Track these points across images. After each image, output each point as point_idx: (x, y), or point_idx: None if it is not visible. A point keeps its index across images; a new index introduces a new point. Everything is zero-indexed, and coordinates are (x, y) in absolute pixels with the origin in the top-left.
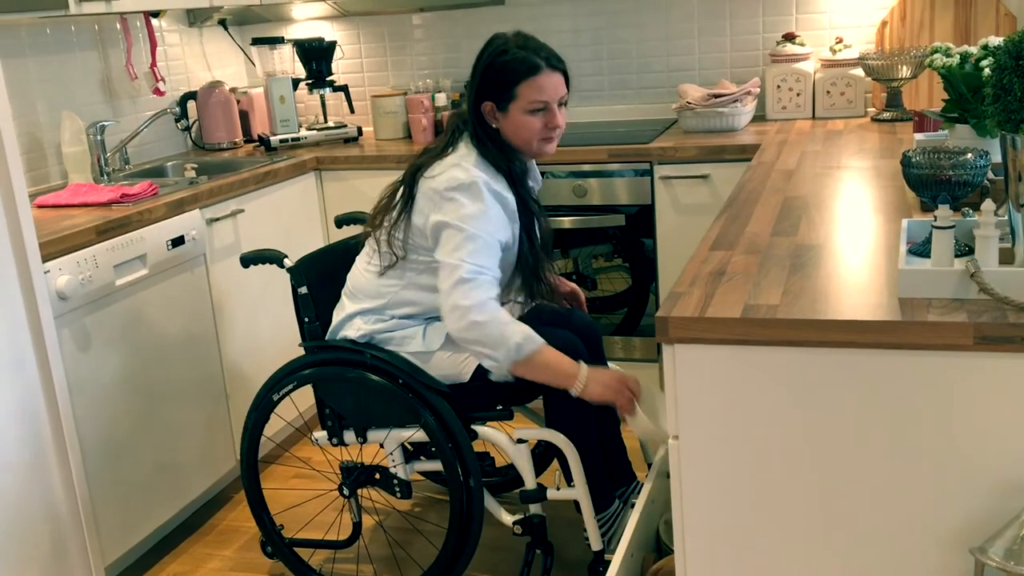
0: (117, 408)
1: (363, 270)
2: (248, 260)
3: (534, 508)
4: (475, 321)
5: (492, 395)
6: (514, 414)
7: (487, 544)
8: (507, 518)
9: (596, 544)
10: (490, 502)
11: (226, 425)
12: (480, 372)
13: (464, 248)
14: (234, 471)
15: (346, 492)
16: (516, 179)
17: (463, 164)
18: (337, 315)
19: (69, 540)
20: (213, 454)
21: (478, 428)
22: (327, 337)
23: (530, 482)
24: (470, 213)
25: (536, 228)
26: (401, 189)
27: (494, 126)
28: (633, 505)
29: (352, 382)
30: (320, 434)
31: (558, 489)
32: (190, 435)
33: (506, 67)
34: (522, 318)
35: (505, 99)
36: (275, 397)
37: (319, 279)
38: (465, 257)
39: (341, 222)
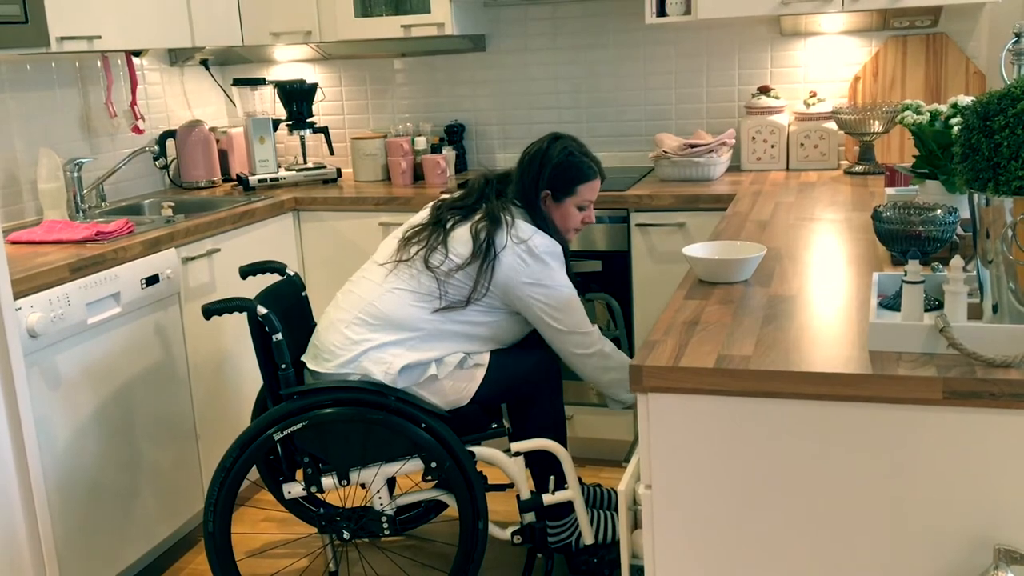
0: (85, 448)
1: (406, 303)
2: (211, 311)
3: (528, 517)
4: (611, 357)
5: (482, 415)
6: (506, 431)
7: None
8: (503, 533)
9: (589, 538)
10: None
11: (195, 467)
12: (475, 394)
13: (570, 308)
14: (201, 514)
15: (347, 536)
16: (567, 254)
17: (542, 233)
18: (348, 346)
19: None
20: (181, 496)
21: (475, 449)
22: (335, 365)
23: (525, 492)
24: (561, 278)
25: None
26: (472, 243)
27: (543, 210)
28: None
29: (374, 423)
30: (293, 486)
31: (553, 493)
32: (158, 476)
33: (573, 167)
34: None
35: (565, 192)
36: (277, 436)
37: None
38: (576, 316)
39: (247, 273)
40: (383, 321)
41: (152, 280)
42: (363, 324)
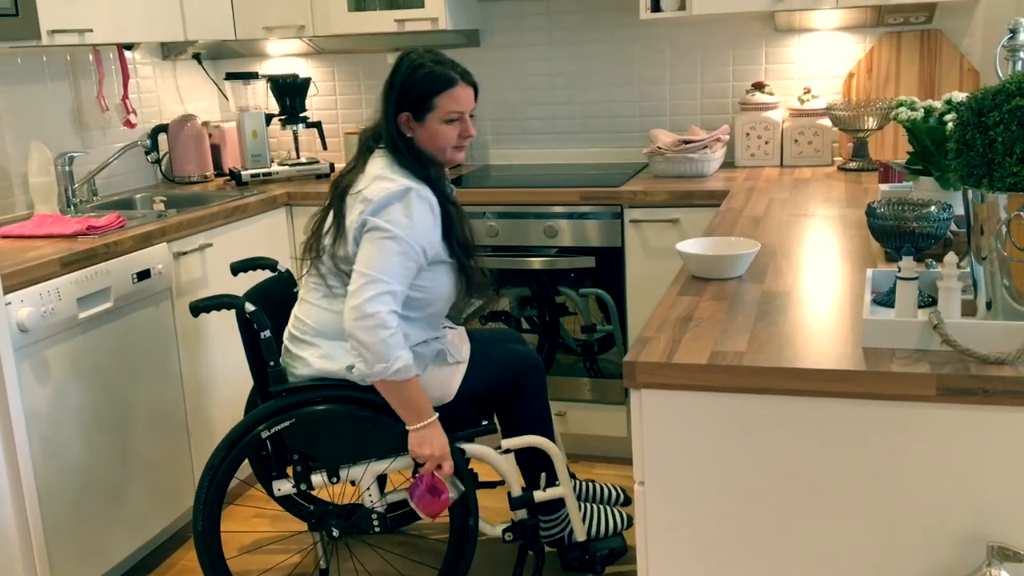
0: (75, 443)
1: (324, 307)
2: (199, 308)
3: (519, 514)
4: (375, 331)
5: (473, 412)
6: (497, 428)
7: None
8: (494, 530)
9: (581, 534)
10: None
11: (187, 462)
12: (459, 390)
13: (383, 256)
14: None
15: (336, 533)
16: (432, 183)
17: (385, 174)
18: (301, 364)
19: None
20: (173, 492)
21: (465, 446)
22: (292, 381)
23: (516, 489)
24: (398, 220)
25: (457, 225)
26: (331, 212)
27: (408, 135)
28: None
29: (362, 420)
30: (283, 483)
31: (544, 490)
32: (150, 472)
33: (425, 79)
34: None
35: (423, 109)
36: (264, 434)
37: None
38: (381, 266)
39: (238, 269)
40: (321, 335)
41: (144, 275)
42: (303, 344)
